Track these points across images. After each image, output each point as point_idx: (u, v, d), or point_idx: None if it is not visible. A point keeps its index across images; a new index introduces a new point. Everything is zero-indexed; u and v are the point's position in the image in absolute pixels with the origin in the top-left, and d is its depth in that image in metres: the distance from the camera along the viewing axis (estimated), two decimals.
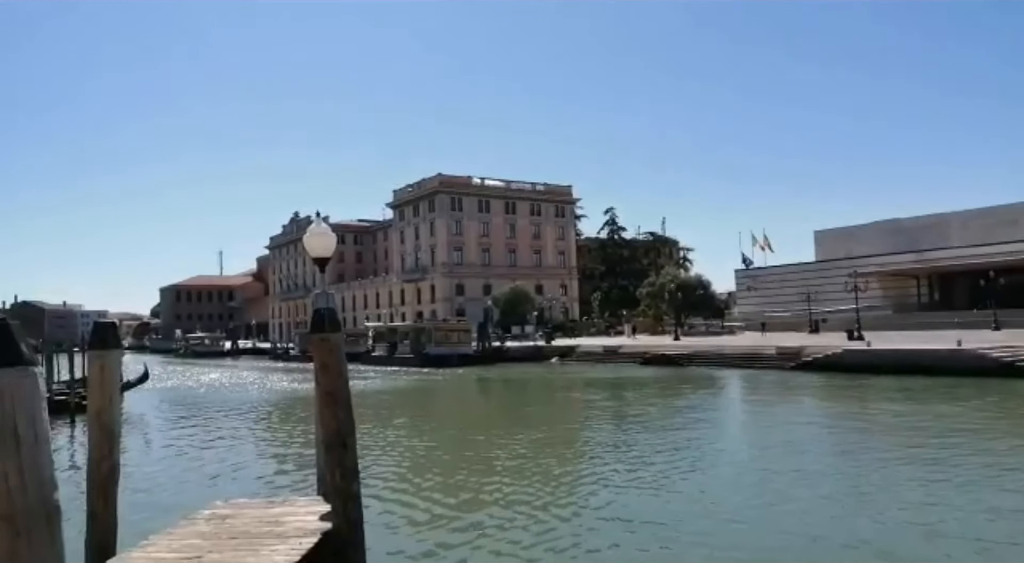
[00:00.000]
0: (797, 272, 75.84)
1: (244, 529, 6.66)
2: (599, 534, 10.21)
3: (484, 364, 53.51)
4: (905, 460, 14.95)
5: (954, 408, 22.83)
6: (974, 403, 23.75)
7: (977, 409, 22.56)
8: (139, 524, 8.67)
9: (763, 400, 29.25)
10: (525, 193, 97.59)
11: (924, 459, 14.96)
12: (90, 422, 7.00)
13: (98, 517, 6.81)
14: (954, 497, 11.60)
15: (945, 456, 15.16)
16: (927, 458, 15.05)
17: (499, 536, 10.18)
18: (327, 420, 7.23)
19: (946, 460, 14.74)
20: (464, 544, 9.88)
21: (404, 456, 17.50)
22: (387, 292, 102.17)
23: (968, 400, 24.38)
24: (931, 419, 20.82)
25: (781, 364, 39.18)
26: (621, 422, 22.98)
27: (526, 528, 10.52)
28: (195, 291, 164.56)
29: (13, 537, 3.55)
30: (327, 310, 7.57)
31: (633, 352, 51.41)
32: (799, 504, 11.48)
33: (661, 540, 9.83)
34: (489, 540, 10.01)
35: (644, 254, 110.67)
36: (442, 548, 9.73)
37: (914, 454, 15.56)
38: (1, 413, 3.52)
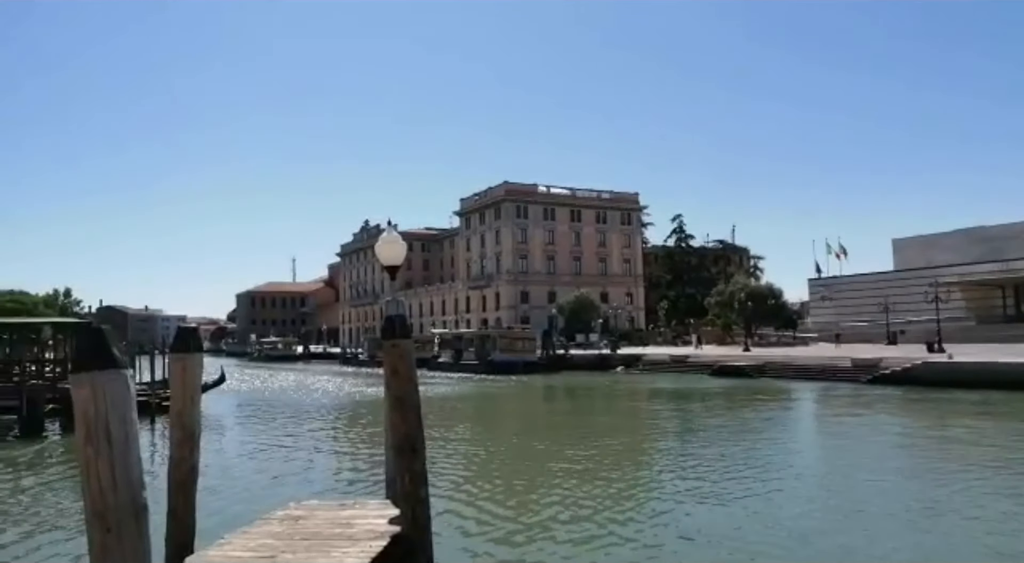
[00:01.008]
0: (874, 281, 73.22)
1: (316, 530, 6.80)
2: (658, 546, 10.09)
3: (548, 372, 53.39)
4: (983, 480, 14.20)
5: None
6: None
7: None
8: (215, 523, 8.96)
9: (836, 413, 28.29)
10: (591, 201, 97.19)
11: (1004, 479, 14.21)
12: (172, 423, 7.28)
13: (178, 515, 7.04)
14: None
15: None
16: (1007, 478, 14.30)
17: (561, 545, 10.14)
18: (397, 425, 7.33)
19: None
20: (527, 552, 9.87)
21: (469, 462, 17.60)
22: (453, 299, 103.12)
23: None
24: (1014, 437, 19.79)
25: (856, 376, 37.89)
26: (686, 434, 22.59)
27: (587, 538, 10.46)
28: (269, 297, 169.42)
29: (104, 533, 3.71)
30: (398, 317, 7.68)
31: (701, 362, 50.51)
32: (867, 521, 11.07)
33: (721, 555, 9.62)
34: (550, 548, 9.98)
35: (713, 262, 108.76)
36: (505, 555, 9.75)
37: (993, 474, 14.79)
38: (95, 414, 3.69)
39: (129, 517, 3.74)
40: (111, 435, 3.72)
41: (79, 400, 3.73)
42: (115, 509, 3.70)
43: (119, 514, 3.71)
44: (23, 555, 10.28)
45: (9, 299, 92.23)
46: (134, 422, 3.85)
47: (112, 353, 3.77)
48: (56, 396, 24.53)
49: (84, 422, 3.71)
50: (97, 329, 3.87)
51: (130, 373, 3.93)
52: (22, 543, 10.87)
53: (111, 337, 3.83)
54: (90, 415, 3.70)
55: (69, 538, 10.82)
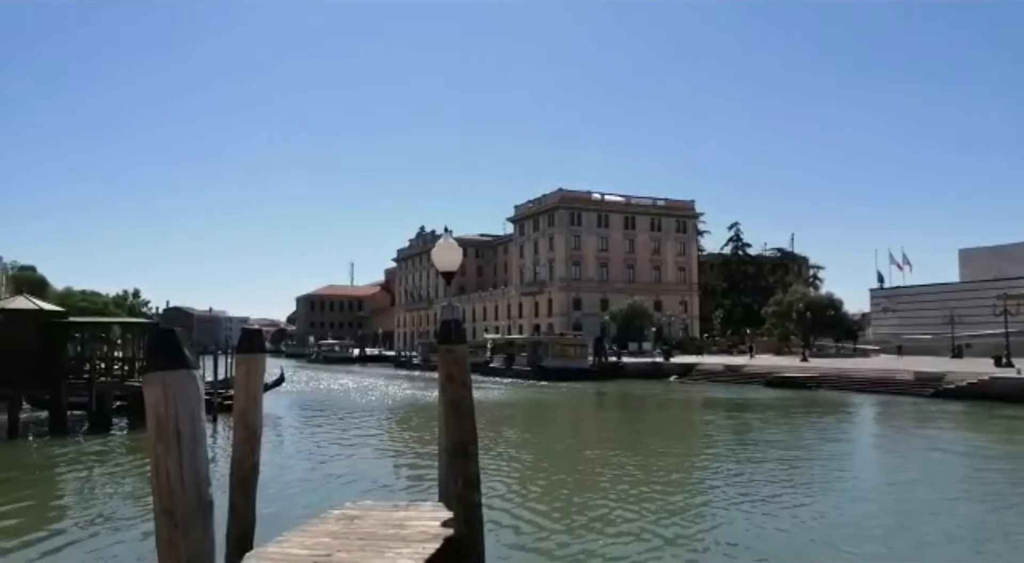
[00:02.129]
0: (939, 293, 70.69)
1: (371, 530, 6.94)
2: (704, 557, 9.94)
3: (600, 379, 53.08)
4: None
5: None
6: None
7: None
8: (273, 520, 9.18)
9: (896, 428, 27.45)
10: (645, 208, 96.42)
11: None
12: (235, 422, 7.51)
13: (238, 512, 7.25)
14: None
15: None
16: None
17: (607, 551, 10.12)
18: (451, 429, 7.42)
19: None
20: (576, 558, 9.86)
21: (520, 467, 17.64)
22: (505, 305, 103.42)
23: None
24: None
25: (919, 390, 36.67)
26: (738, 446, 22.19)
27: (635, 546, 10.43)
28: (328, 300, 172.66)
29: (172, 529, 3.86)
30: (454, 322, 7.78)
31: (756, 372, 49.58)
32: (921, 545, 10.72)
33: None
34: (598, 554, 9.98)
35: (771, 271, 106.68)
36: (555, 561, 9.76)
37: None
38: (165, 412, 3.85)
39: (195, 513, 3.88)
40: (180, 433, 3.86)
41: (151, 399, 3.88)
42: (182, 505, 3.84)
43: (186, 510, 3.85)
44: (92, 547, 10.71)
45: (81, 299, 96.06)
46: (202, 421, 4.00)
47: (183, 354, 3.93)
48: (124, 393, 25.46)
49: (155, 420, 3.86)
50: (169, 330, 4.04)
51: (199, 373, 4.09)
52: (91, 536, 11.32)
53: (182, 338, 4.00)
54: (161, 413, 3.85)
55: (134, 531, 11.24)
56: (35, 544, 10.74)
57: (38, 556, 10.18)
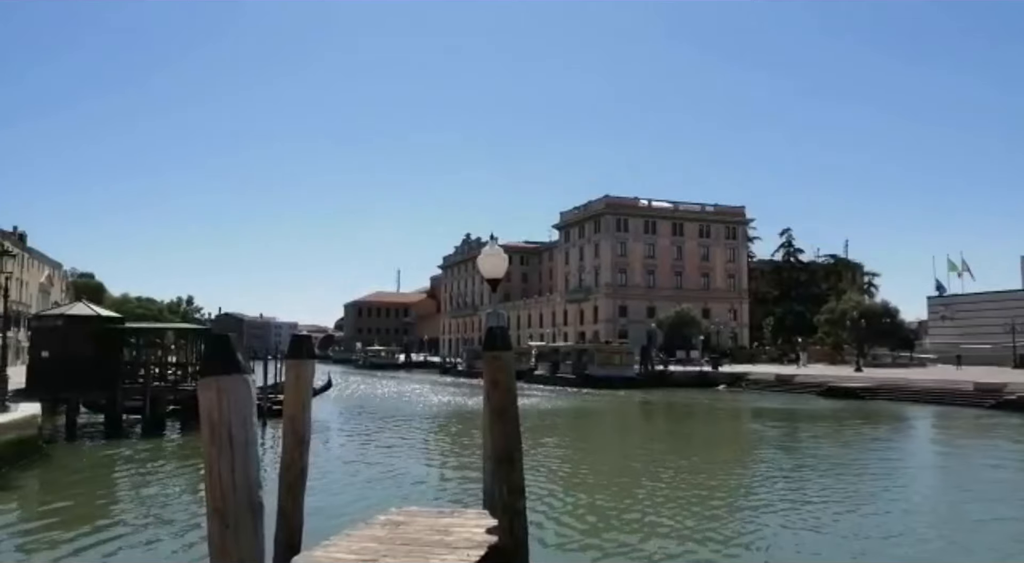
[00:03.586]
0: (1000, 300, 68.39)
1: (416, 536, 6.98)
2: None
3: (646, 388, 52.52)
4: None
5: None
6: None
7: None
8: (320, 523, 9.29)
9: (954, 441, 26.57)
10: (694, 214, 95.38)
11: None
12: (285, 427, 7.64)
13: (287, 515, 7.36)
14: None
15: None
16: None
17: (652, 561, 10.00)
18: (496, 436, 7.42)
19: None
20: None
21: (564, 476, 17.56)
22: (550, 312, 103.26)
23: None
24: None
25: (979, 401, 35.46)
26: (789, 458, 21.71)
27: (677, 555, 10.31)
28: (375, 307, 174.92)
29: (223, 529, 3.94)
30: (500, 329, 7.78)
31: (809, 382, 48.53)
32: (969, 557, 10.35)
33: None
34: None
35: (823, 278, 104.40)
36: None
37: None
38: (219, 416, 3.94)
39: (246, 515, 3.96)
40: (233, 437, 3.94)
41: (205, 403, 3.97)
42: (234, 507, 3.92)
43: (237, 511, 3.93)
44: (146, 546, 10.99)
45: (137, 305, 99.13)
46: (254, 425, 4.08)
47: (237, 359, 4.02)
48: (177, 398, 26.09)
49: (209, 423, 3.96)
50: (224, 336, 4.14)
51: (252, 378, 4.17)
52: (144, 535, 11.62)
53: (236, 344, 4.09)
54: (214, 417, 3.94)
55: (186, 531, 11.50)
56: (90, 543, 11.06)
57: (95, 554, 10.47)
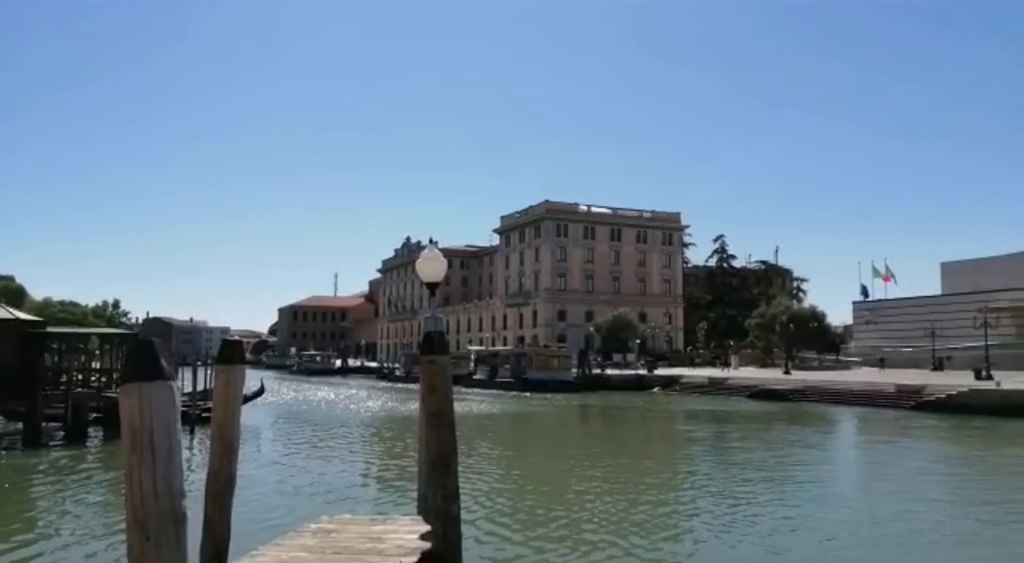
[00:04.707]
0: (920, 305, 71.48)
1: (347, 544, 6.87)
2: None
3: (584, 391, 53.09)
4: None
5: None
6: None
7: None
8: (249, 534, 9.07)
9: (877, 440, 27.68)
10: (631, 220, 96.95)
11: None
12: (213, 434, 7.43)
13: (213, 526, 7.15)
14: None
15: None
16: None
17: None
18: (431, 441, 7.39)
19: None
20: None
21: (501, 480, 17.59)
22: (490, 316, 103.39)
23: None
24: None
25: (900, 403, 36.99)
26: (720, 459, 22.27)
27: (611, 559, 10.40)
28: (310, 311, 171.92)
29: (143, 541, 3.80)
30: (437, 333, 7.78)
31: (740, 385, 49.82)
32: (888, 549, 10.81)
33: None
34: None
35: (755, 283, 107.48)
36: None
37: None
38: (140, 423, 3.80)
39: (168, 526, 3.83)
40: (155, 445, 3.81)
41: (126, 410, 3.83)
42: (155, 518, 3.78)
43: (159, 523, 3.79)
44: (62, 560, 10.53)
45: (60, 309, 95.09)
46: (177, 433, 3.95)
47: (160, 365, 3.88)
48: (100, 405, 25.16)
49: (130, 431, 3.81)
50: (147, 341, 4.00)
51: (176, 385, 4.05)
52: (61, 548, 11.14)
53: (159, 349, 3.95)
54: (136, 425, 3.81)
55: (106, 544, 11.06)
56: (3, 559, 10.55)
57: None
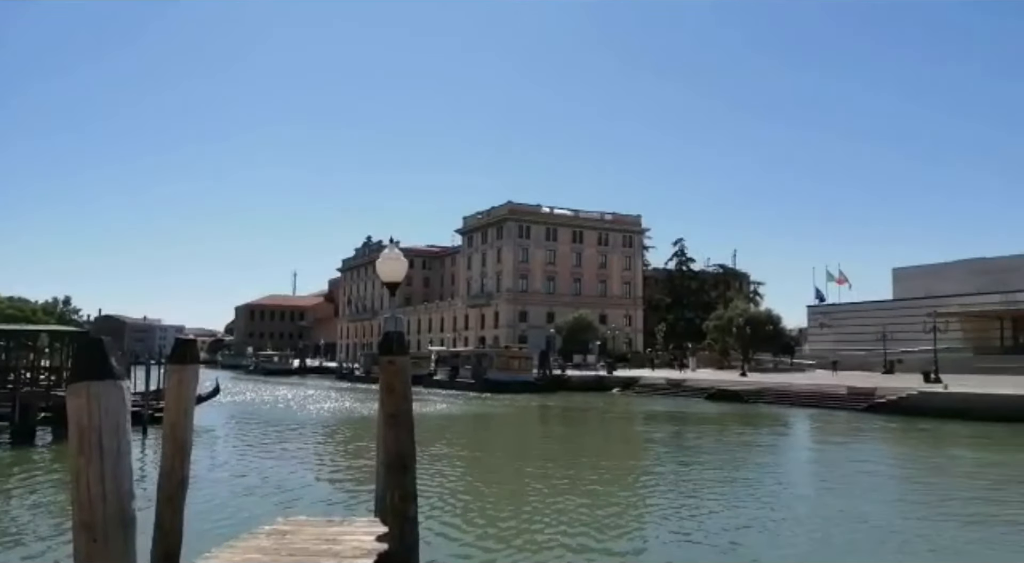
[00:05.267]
0: (872, 310, 73.28)
1: (303, 546, 6.81)
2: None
3: (544, 392, 53.27)
4: (979, 515, 14.14)
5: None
6: None
7: None
8: (203, 536, 8.94)
9: (830, 441, 28.29)
10: (593, 222, 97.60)
11: (996, 513, 14.17)
12: (165, 435, 7.28)
13: (165, 528, 7.02)
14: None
15: (1017, 511, 14.39)
16: (999, 511, 14.27)
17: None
18: (389, 442, 7.36)
19: (1018, 515, 13.98)
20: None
21: (460, 481, 17.56)
22: (451, 317, 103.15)
23: None
24: (1008, 469, 19.85)
25: (852, 405, 37.83)
26: (678, 459, 22.53)
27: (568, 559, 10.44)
28: (268, 310, 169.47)
29: (90, 543, 3.72)
30: (396, 333, 7.75)
31: (697, 386, 50.44)
32: (834, 546, 11.07)
33: None
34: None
35: (713, 286, 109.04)
36: None
37: (989, 506, 14.78)
38: (88, 423, 3.73)
39: (117, 528, 3.75)
40: (103, 445, 3.73)
41: (73, 409, 3.75)
42: (103, 520, 3.71)
43: (107, 525, 3.72)
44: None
45: (8, 305, 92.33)
46: (127, 433, 3.88)
47: (109, 364, 3.81)
48: (49, 404, 24.49)
49: (77, 432, 3.74)
50: (96, 339, 3.92)
51: (126, 384, 3.97)
52: (5, 551, 10.83)
53: (109, 348, 3.87)
54: (83, 425, 3.73)
55: (53, 547, 10.78)
56: None
57: None
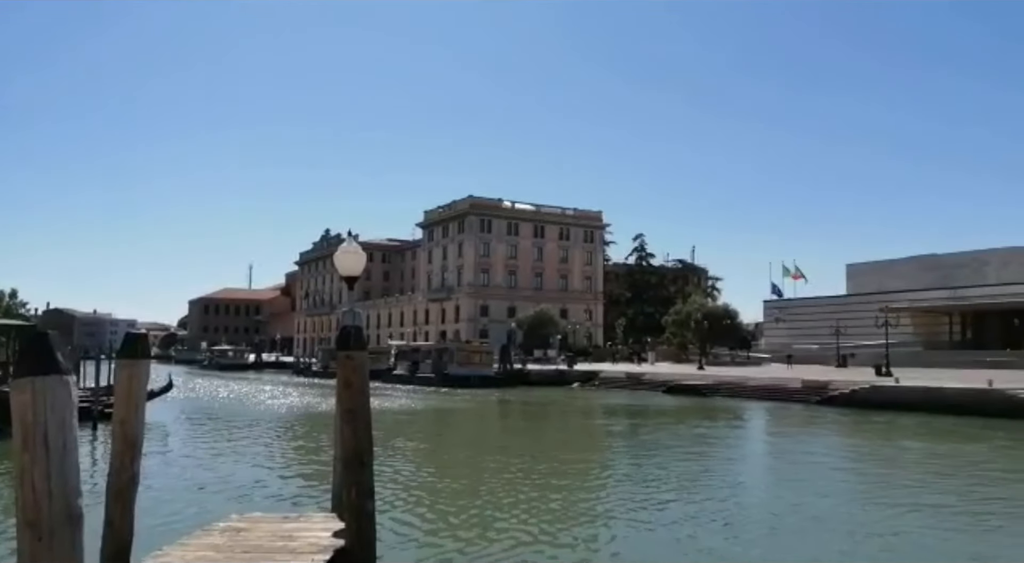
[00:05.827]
0: (826, 305, 74.92)
1: (258, 543, 6.73)
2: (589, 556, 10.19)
3: (505, 386, 53.37)
4: (925, 503, 14.55)
5: (979, 448, 22.48)
6: (1000, 445, 23.29)
7: (1002, 451, 22.10)
8: (155, 535, 8.75)
9: (784, 434, 28.89)
10: (555, 217, 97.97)
11: (944, 501, 14.63)
12: (114, 431, 7.12)
13: (115, 526, 6.87)
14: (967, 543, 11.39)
15: (963, 499, 14.90)
16: (946, 499, 14.74)
17: (502, 560, 10.13)
18: (346, 437, 7.30)
19: (965, 503, 14.47)
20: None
21: (418, 477, 17.50)
22: (412, 311, 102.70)
23: (994, 442, 23.93)
24: (953, 459, 20.51)
25: (806, 398, 38.64)
26: (635, 453, 22.78)
27: (526, 554, 10.47)
28: (223, 304, 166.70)
29: (35, 542, 3.63)
30: (354, 328, 7.67)
31: (656, 380, 51.03)
32: (785, 537, 11.34)
33: None
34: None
35: (672, 281, 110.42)
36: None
37: (934, 494, 15.25)
38: (33, 419, 3.63)
39: (63, 526, 3.67)
40: (49, 442, 3.65)
41: (17, 405, 3.66)
42: (48, 518, 3.63)
43: (52, 523, 3.63)
44: None
45: None
46: (73, 429, 3.79)
47: (55, 358, 3.72)
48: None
49: (22, 428, 3.65)
50: (42, 333, 3.82)
51: (73, 379, 3.88)
52: None
53: (55, 342, 3.77)
54: (28, 421, 3.64)
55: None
56: None
57: None
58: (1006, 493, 15.77)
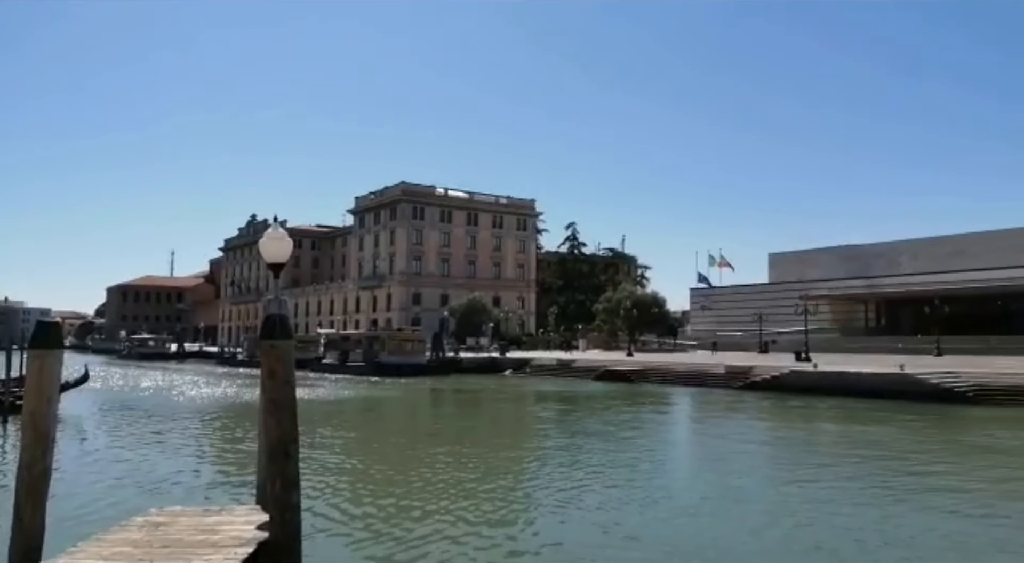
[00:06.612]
0: (750, 293, 77.32)
1: (178, 537, 6.56)
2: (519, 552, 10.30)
3: (437, 375, 53.28)
4: (838, 481, 15.29)
5: (888, 430, 23.64)
6: (909, 426, 24.55)
7: (910, 432, 23.30)
8: (69, 531, 8.42)
9: (707, 418, 29.80)
10: (488, 205, 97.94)
11: (855, 478, 15.38)
12: (24, 424, 6.83)
13: (25, 522, 6.60)
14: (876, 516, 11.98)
15: (873, 476, 15.68)
16: (857, 477, 15.49)
17: (429, 551, 10.11)
18: (270, 428, 7.17)
19: (874, 479, 15.24)
20: (397, 559, 9.80)
21: (345, 467, 17.34)
22: (342, 299, 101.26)
23: (903, 423, 25.22)
24: (866, 438, 21.56)
25: (729, 383, 39.86)
26: (564, 439, 23.09)
27: (453, 545, 10.44)
28: (143, 291, 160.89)
29: None
30: (279, 316, 7.53)
31: (586, 367, 51.80)
32: (723, 530, 11.72)
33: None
34: (420, 555, 9.93)
35: (603, 270, 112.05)
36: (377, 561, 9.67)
37: (847, 473, 16.02)
38: None
39: None
40: None
41: None
42: None
43: None
44: None
45: None
46: None
47: None
48: None
49: None
50: None
51: None
52: None
53: None
54: None
55: None
56: None
57: None
58: (912, 469, 16.64)
